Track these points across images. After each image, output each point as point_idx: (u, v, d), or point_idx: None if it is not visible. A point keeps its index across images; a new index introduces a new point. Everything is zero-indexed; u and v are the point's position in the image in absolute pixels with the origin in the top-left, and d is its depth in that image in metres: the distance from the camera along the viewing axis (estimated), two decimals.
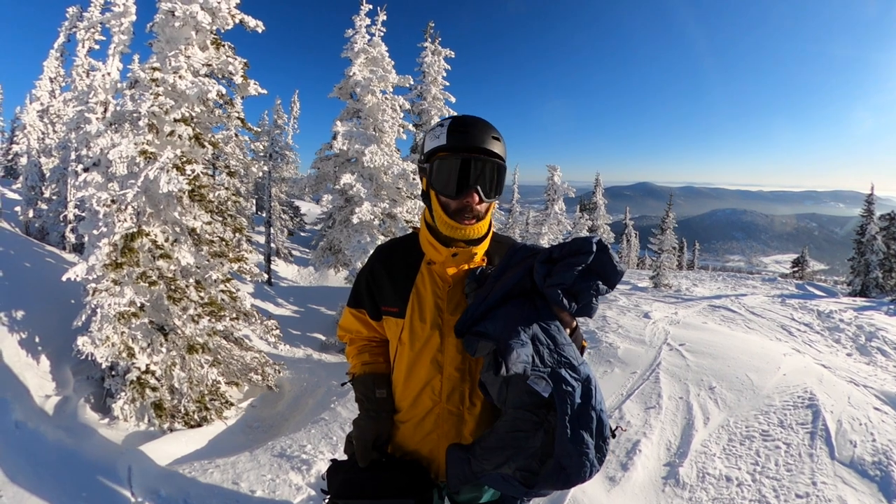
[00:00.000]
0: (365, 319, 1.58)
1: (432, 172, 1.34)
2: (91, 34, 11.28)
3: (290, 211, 20.90)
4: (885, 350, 6.82)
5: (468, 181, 1.31)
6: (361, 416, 1.52)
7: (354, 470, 1.49)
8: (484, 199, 1.34)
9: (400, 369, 1.48)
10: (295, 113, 31.52)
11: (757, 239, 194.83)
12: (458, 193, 1.32)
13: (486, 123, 1.34)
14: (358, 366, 1.60)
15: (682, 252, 34.89)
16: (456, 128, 1.31)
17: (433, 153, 1.34)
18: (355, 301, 1.60)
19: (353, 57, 10.40)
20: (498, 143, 1.33)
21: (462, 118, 1.34)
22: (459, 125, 1.32)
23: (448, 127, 1.32)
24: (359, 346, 1.64)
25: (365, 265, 1.58)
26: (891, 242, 19.45)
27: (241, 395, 6.79)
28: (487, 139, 1.31)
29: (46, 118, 14.88)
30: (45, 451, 3.97)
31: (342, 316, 1.68)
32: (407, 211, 10.20)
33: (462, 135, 1.30)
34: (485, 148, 1.30)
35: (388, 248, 1.56)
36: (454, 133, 1.30)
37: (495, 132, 1.34)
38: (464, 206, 1.33)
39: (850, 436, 3.48)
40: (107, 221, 5.42)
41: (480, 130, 1.31)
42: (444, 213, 1.35)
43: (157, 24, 5.89)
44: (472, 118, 1.35)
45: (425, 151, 1.36)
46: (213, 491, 3.41)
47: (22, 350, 5.54)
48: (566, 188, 16.81)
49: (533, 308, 1.28)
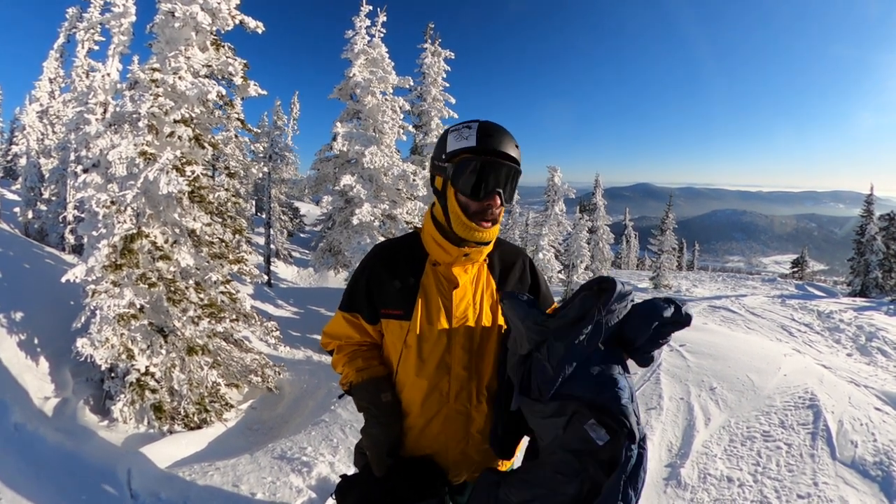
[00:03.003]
0: (359, 324, 1.51)
1: (456, 172, 1.33)
2: (91, 35, 11.29)
3: (289, 212, 20.91)
4: (886, 350, 6.83)
5: (493, 185, 1.31)
6: (370, 423, 1.44)
7: (369, 484, 1.42)
8: (504, 204, 1.35)
9: (406, 373, 1.43)
10: (295, 114, 31.55)
11: (757, 239, 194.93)
12: (483, 196, 1.32)
13: (509, 132, 1.36)
14: (353, 373, 1.49)
15: (681, 253, 34.89)
16: (486, 131, 1.32)
17: (457, 153, 1.33)
18: (349, 304, 1.52)
19: (353, 58, 10.39)
20: (518, 152, 1.35)
21: (490, 123, 1.35)
22: (490, 129, 1.32)
23: (478, 129, 1.32)
24: (349, 353, 1.54)
25: (361, 266, 1.52)
26: (890, 242, 19.46)
27: (241, 397, 6.77)
28: (512, 146, 1.33)
29: (46, 119, 14.87)
30: (44, 454, 3.96)
31: (330, 321, 1.59)
32: (407, 212, 10.19)
33: (492, 139, 1.31)
34: (511, 154, 1.31)
35: (389, 249, 1.51)
36: (485, 136, 1.31)
37: (516, 141, 1.36)
38: (485, 208, 1.33)
39: (851, 436, 3.47)
40: (106, 223, 5.41)
41: (507, 137, 1.33)
42: (462, 214, 1.33)
43: (157, 24, 5.88)
44: (497, 124, 1.36)
45: (448, 150, 1.34)
46: (214, 493, 3.40)
47: (21, 352, 5.52)
48: (566, 189, 16.81)
49: (610, 355, 1.21)
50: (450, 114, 13.45)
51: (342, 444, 3.94)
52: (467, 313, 1.42)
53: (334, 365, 1.58)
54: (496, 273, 1.50)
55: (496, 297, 1.47)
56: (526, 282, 1.54)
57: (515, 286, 1.52)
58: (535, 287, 1.56)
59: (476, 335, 1.43)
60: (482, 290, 1.45)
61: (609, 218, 26.84)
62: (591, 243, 22.06)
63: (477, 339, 1.44)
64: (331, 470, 3.50)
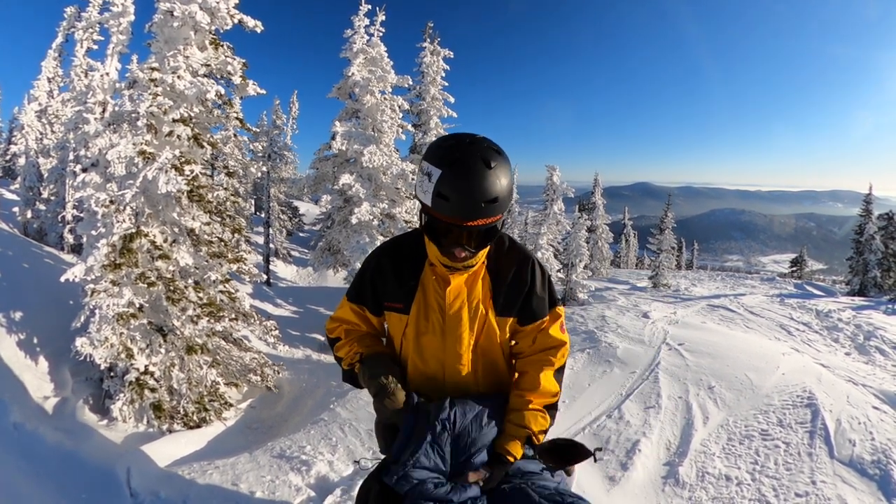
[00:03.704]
0: (364, 315, 1.58)
1: (422, 212, 1.31)
2: (89, 34, 11.24)
3: (288, 211, 20.87)
4: (884, 349, 6.84)
5: (457, 242, 1.29)
6: (371, 380, 1.42)
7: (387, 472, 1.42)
8: (473, 254, 1.32)
9: (404, 363, 1.51)
10: (294, 113, 31.45)
11: (755, 239, 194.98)
12: (443, 251, 1.31)
13: (482, 183, 1.16)
14: (352, 355, 1.53)
15: (680, 252, 34.92)
16: (446, 192, 1.17)
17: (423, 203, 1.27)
18: (356, 295, 1.57)
19: (352, 57, 10.38)
20: (494, 206, 1.19)
21: (454, 173, 1.16)
22: (451, 189, 1.16)
23: (436, 188, 1.17)
24: (355, 337, 1.58)
25: (369, 259, 1.56)
26: (889, 242, 19.49)
27: (240, 396, 6.77)
28: (479, 210, 1.17)
29: (44, 118, 14.82)
30: (43, 453, 3.96)
31: (338, 308, 1.63)
32: (406, 211, 10.19)
33: (451, 205, 1.17)
34: (475, 224, 1.20)
35: (396, 244, 1.56)
36: (443, 200, 1.18)
37: (495, 187, 1.18)
38: (451, 252, 1.32)
39: (849, 435, 3.48)
40: (105, 222, 5.40)
41: (474, 200, 1.16)
42: (436, 249, 1.34)
43: (156, 24, 5.87)
44: (465, 173, 1.16)
45: (416, 191, 1.28)
46: (213, 492, 3.40)
47: (20, 351, 5.52)
48: (565, 188, 16.81)
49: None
50: (449, 113, 13.45)
51: (341, 443, 3.94)
52: (461, 312, 1.44)
53: (338, 349, 1.59)
54: (496, 274, 1.50)
55: (490, 299, 1.48)
56: (524, 285, 1.51)
57: (506, 293, 1.49)
58: (530, 291, 1.51)
59: (471, 334, 1.46)
60: (478, 290, 1.47)
61: (608, 217, 26.87)
62: (589, 242, 22.08)
63: (472, 339, 1.47)
64: (330, 469, 3.50)
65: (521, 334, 1.55)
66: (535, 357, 1.54)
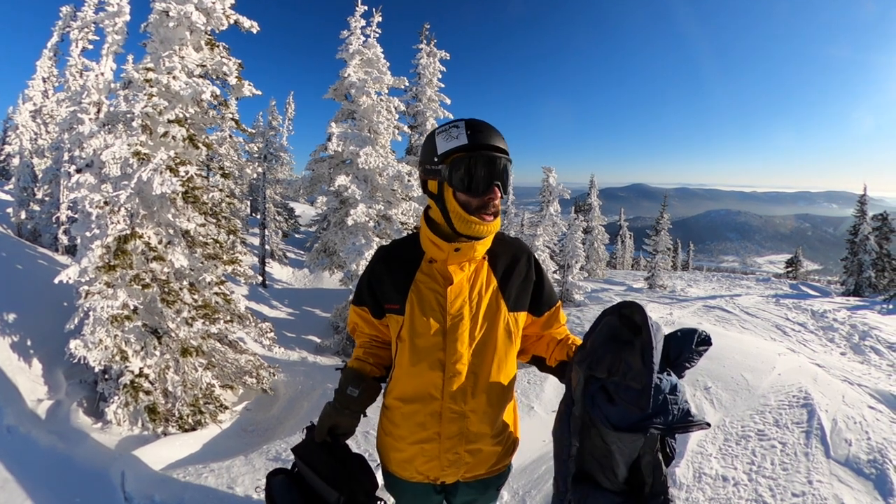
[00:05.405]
0: (367, 317, 1.60)
1: (451, 172, 1.34)
2: (84, 34, 11.20)
3: (284, 213, 20.82)
4: (879, 349, 6.87)
5: (491, 178, 1.33)
6: (330, 403, 1.59)
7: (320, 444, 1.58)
8: (503, 196, 1.38)
9: (401, 366, 1.47)
10: (290, 114, 31.38)
11: (751, 239, 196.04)
12: (483, 190, 1.34)
13: (494, 126, 1.39)
14: (352, 358, 1.66)
15: (676, 253, 35.07)
16: (475, 128, 1.35)
17: (449, 154, 1.34)
18: (357, 298, 1.63)
19: (348, 58, 10.38)
20: (505, 144, 1.38)
21: (476, 120, 1.38)
22: (478, 125, 1.36)
23: (466, 127, 1.35)
24: (362, 342, 1.68)
25: (367, 264, 1.61)
26: (883, 242, 19.65)
27: (235, 399, 6.74)
28: (500, 139, 1.36)
29: (39, 119, 14.72)
30: (37, 456, 3.92)
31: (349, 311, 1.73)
32: (402, 213, 10.18)
33: (482, 134, 1.34)
34: (501, 147, 1.35)
35: (390, 247, 1.58)
36: (475, 133, 1.34)
37: (501, 134, 1.39)
38: (486, 202, 1.34)
39: (845, 434, 3.49)
40: (100, 223, 5.37)
41: (495, 131, 1.37)
42: (464, 211, 1.35)
43: (152, 24, 5.85)
44: (482, 120, 1.39)
45: (440, 152, 1.35)
46: (208, 495, 3.38)
47: (14, 353, 5.48)
48: (561, 189, 16.84)
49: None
50: (445, 114, 13.48)
51: None
52: (463, 311, 1.41)
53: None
54: (499, 270, 1.49)
55: (498, 294, 1.47)
56: (531, 278, 1.54)
57: (520, 285, 1.51)
58: (539, 284, 1.56)
59: (474, 333, 1.43)
60: (480, 287, 1.44)
61: (604, 218, 26.94)
62: (586, 243, 22.12)
63: (475, 337, 1.43)
64: None
65: (534, 325, 1.60)
66: (547, 331, 1.63)
